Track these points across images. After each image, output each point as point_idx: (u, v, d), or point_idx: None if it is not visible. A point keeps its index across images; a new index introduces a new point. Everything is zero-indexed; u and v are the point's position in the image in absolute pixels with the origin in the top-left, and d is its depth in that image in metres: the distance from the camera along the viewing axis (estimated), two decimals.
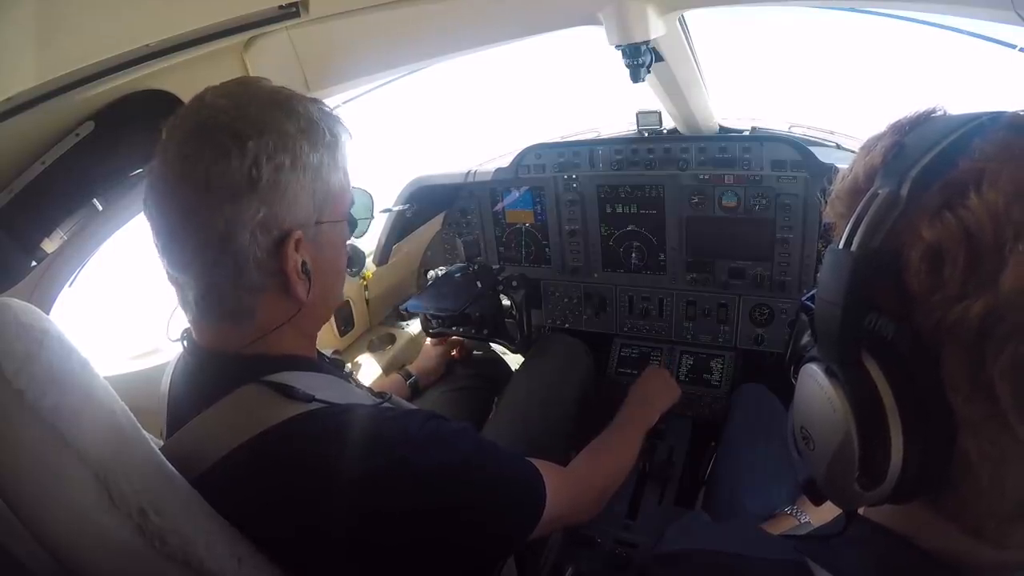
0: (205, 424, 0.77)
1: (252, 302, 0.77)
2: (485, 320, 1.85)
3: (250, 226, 0.71)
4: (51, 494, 0.63)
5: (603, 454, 1.21)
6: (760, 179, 1.74)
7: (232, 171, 0.70)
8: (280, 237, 0.74)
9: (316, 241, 0.79)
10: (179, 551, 0.67)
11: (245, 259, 0.73)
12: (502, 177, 2.03)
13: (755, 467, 1.43)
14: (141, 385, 1.11)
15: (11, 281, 1.18)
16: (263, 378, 0.76)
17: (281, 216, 0.73)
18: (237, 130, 0.71)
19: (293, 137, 0.74)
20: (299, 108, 0.77)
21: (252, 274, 0.74)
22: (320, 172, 0.77)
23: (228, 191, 0.70)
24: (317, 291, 0.80)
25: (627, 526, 1.56)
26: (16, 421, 0.62)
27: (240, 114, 0.72)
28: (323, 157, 0.77)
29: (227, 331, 0.79)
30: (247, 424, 0.73)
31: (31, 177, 1.16)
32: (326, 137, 0.77)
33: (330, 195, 0.79)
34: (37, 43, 0.93)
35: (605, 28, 1.28)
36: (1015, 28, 1.01)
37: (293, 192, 0.74)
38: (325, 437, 0.74)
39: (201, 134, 0.72)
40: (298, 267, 0.76)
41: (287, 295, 0.77)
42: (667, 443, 1.76)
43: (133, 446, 0.70)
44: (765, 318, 1.87)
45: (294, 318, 0.79)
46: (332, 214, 0.80)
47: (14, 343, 0.63)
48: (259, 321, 0.79)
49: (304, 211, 0.76)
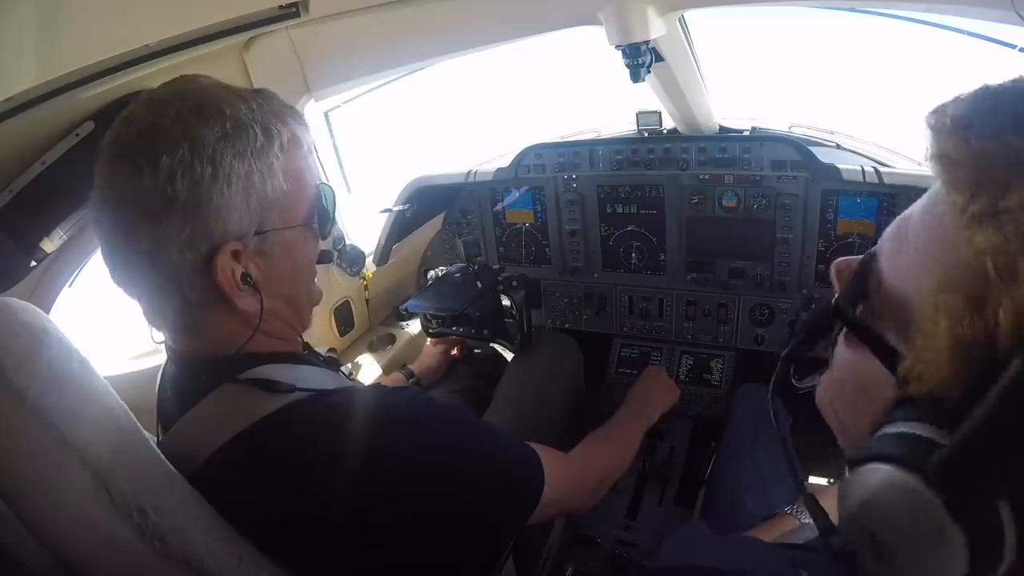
0: (189, 425, 0.77)
1: (200, 318, 0.74)
2: (485, 320, 1.85)
3: (176, 244, 0.68)
4: (51, 493, 0.63)
5: (603, 443, 1.21)
6: (760, 179, 1.74)
7: (146, 191, 0.66)
8: (210, 252, 0.70)
9: (262, 250, 0.75)
10: (179, 550, 0.67)
11: (179, 277, 0.70)
12: (502, 177, 2.03)
13: (755, 467, 1.43)
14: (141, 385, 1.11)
15: (11, 281, 1.18)
16: (239, 376, 0.74)
17: (208, 231, 0.69)
18: (149, 146, 0.67)
19: (212, 146, 0.68)
20: (225, 110, 0.70)
21: (188, 291, 0.71)
22: (251, 180, 0.71)
23: (145, 212, 0.67)
24: (274, 297, 0.77)
25: (627, 526, 1.56)
26: (16, 420, 0.62)
27: (154, 127, 0.68)
28: (252, 164, 0.71)
29: (187, 342, 0.78)
30: (229, 422, 0.72)
31: (31, 177, 1.16)
32: (257, 141, 0.71)
33: (269, 202, 0.73)
34: (37, 43, 0.93)
35: (605, 28, 1.28)
36: (1015, 28, 1.01)
37: (217, 205, 0.69)
38: (314, 423, 0.73)
39: (116, 152, 0.69)
40: (236, 280, 0.72)
41: (235, 309, 0.74)
42: (667, 443, 1.76)
43: (133, 445, 0.70)
44: (765, 318, 1.87)
45: (260, 326, 0.76)
46: (280, 218, 0.75)
47: (14, 342, 0.63)
48: (214, 334, 0.76)
49: (236, 223, 0.71)
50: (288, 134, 0.76)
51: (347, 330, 2.06)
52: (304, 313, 0.88)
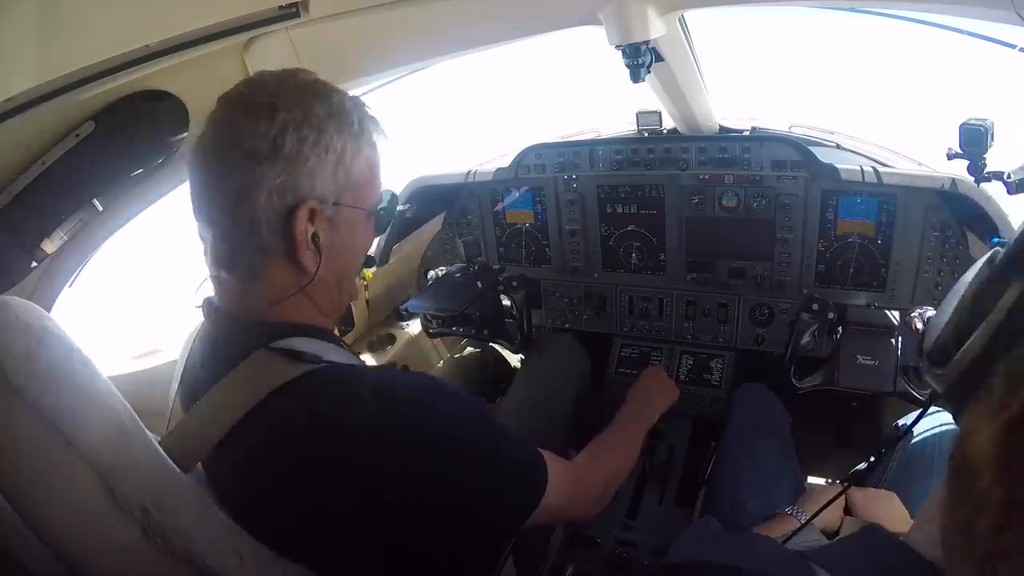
0: (221, 392, 0.79)
1: (262, 262, 0.81)
2: (485, 320, 1.85)
3: (267, 188, 0.77)
4: (53, 492, 0.63)
5: (604, 452, 1.21)
6: (760, 179, 1.74)
7: (260, 135, 0.76)
8: (294, 204, 0.78)
9: (332, 220, 0.83)
10: (181, 548, 0.67)
11: (259, 219, 0.78)
12: (502, 177, 2.03)
13: (755, 467, 1.42)
14: (142, 385, 1.11)
15: (11, 281, 1.18)
16: (273, 344, 0.79)
17: (298, 185, 0.78)
18: (271, 103, 0.77)
19: (320, 118, 0.79)
20: (333, 97, 0.82)
21: (264, 234, 0.78)
22: (343, 156, 0.81)
23: (252, 153, 0.76)
24: (328, 267, 0.84)
25: (627, 526, 1.56)
26: (17, 419, 0.62)
27: (277, 90, 0.80)
28: (347, 143, 0.81)
29: (242, 290, 0.84)
30: (257, 388, 0.76)
31: (31, 177, 1.16)
32: (353, 127, 0.82)
33: (351, 181, 0.83)
34: (37, 43, 0.93)
35: (605, 28, 1.28)
36: (1015, 28, 1.01)
37: (312, 166, 0.78)
38: (329, 390, 0.77)
39: (241, 103, 0.80)
40: (307, 237, 0.80)
41: (296, 264, 0.81)
42: (667, 443, 1.76)
43: (135, 444, 0.70)
44: (765, 318, 1.87)
45: (305, 288, 0.83)
46: (353, 198, 0.85)
47: (15, 341, 0.63)
48: (269, 283, 0.83)
49: (322, 187, 0.80)
50: (376, 134, 0.88)
51: (347, 330, 2.06)
52: (345, 297, 0.94)
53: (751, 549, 0.68)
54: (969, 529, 0.36)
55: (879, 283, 1.70)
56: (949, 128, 1.20)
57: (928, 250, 1.62)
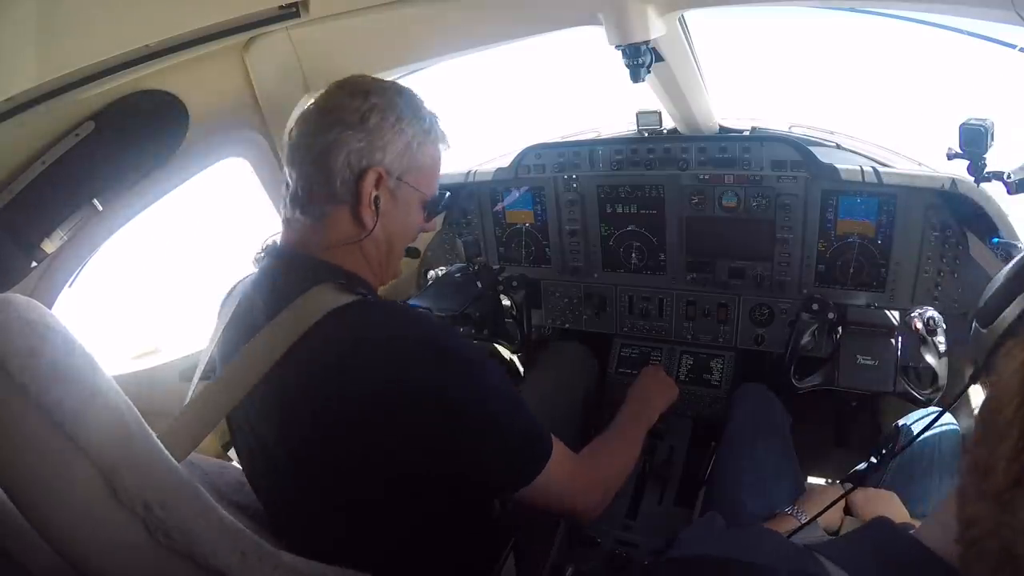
0: (287, 314, 0.88)
1: (330, 209, 0.96)
2: (485, 320, 1.85)
3: (348, 150, 0.93)
4: (56, 489, 0.63)
5: (605, 452, 1.21)
6: (760, 179, 1.74)
7: (353, 109, 0.94)
8: (366, 167, 0.94)
9: (394, 192, 0.99)
10: (183, 546, 0.68)
11: (337, 172, 0.94)
12: (502, 177, 2.03)
13: (755, 467, 1.42)
14: (142, 385, 1.11)
15: (11, 281, 1.18)
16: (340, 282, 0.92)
17: (372, 153, 0.95)
18: (366, 88, 0.97)
19: (400, 107, 0.97)
20: (414, 99, 1.01)
21: (337, 185, 0.94)
22: (412, 142, 0.98)
23: (343, 121, 0.94)
24: (381, 229, 0.98)
25: (627, 526, 1.56)
26: (20, 416, 0.62)
27: (374, 85, 0.99)
28: (418, 133, 0.99)
29: (308, 230, 0.98)
30: (315, 311, 0.87)
31: (31, 177, 1.16)
32: (425, 123, 1.00)
33: (415, 163, 1.00)
34: (37, 43, 0.93)
35: (605, 28, 1.28)
36: (1015, 28, 1.01)
37: (386, 141, 0.95)
38: (384, 313, 0.93)
39: (345, 84, 0.99)
40: (371, 197, 0.95)
41: (356, 218, 0.96)
42: (667, 443, 1.76)
43: (138, 441, 0.70)
44: (765, 318, 1.87)
45: (361, 242, 0.98)
46: (413, 180, 1.00)
47: (17, 339, 0.63)
48: (333, 228, 0.97)
49: (391, 160, 0.96)
50: (441, 140, 1.05)
51: None
52: (390, 265, 1.08)
53: (757, 543, 0.68)
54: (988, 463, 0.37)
55: (879, 283, 1.70)
56: (949, 128, 1.20)
57: (928, 250, 1.62)
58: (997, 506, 0.38)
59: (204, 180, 1.52)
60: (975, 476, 0.40)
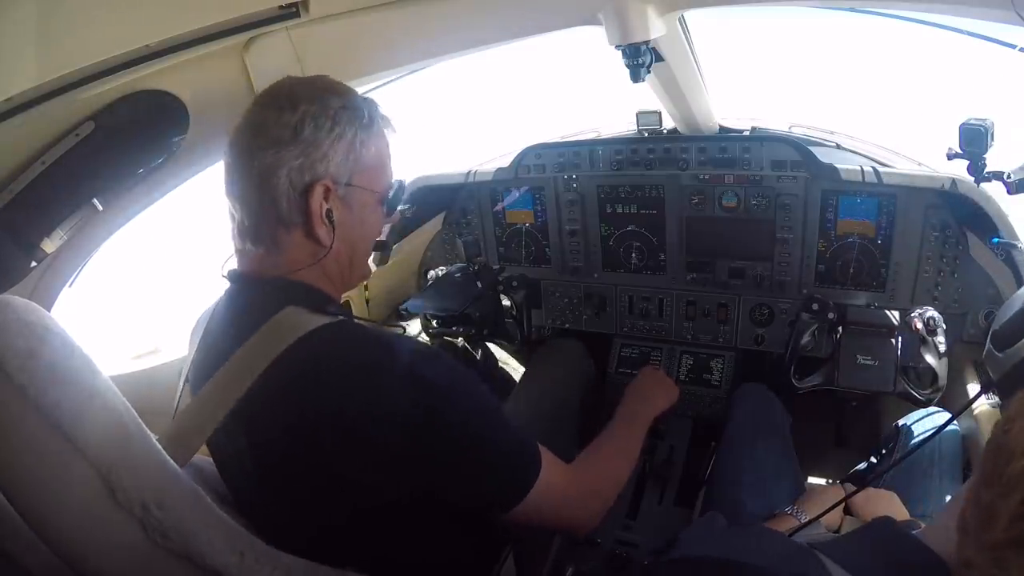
0: (254, 342, 0.84)
1: (284, 235, 0.91)
2: (485, 320, 1.85)
3: (288, 168, 0.88)
4: (53, 490, 0.63)
5: (600, 458, 1.18)
6: (760, 179, 1.74)
7: (283, 124, 0.88)
8: (310, 182, 0.89)
9: (345, 200, 0.93)
10: (181, 546, 0.68)
11: (280, 195, 0.88)
12: (502, 177, 2.03)
13: (755, 467, 1.42)
14: (142, 385, 1.11)
15: (11, 281, 1.18)
16: (305, 303, 0.88)
17: (313, 166, 0.89)
18: (294, 97, 0.90)
19: (335, 109, 0.90)
20: (349, 94, 0.94)
21: (284, 209, 0.89)
22: (354, 143, 0.92)
23: (276, 139, 0.88)
24: (341, 243, 0.94)
25: (627, 526, 1.56)
26: (18, 417, 0.62)
27: (301, 89, 0.92)
28: (358, 132, 0.92)
29: (263, 257, 0.93)
30: (286, 336, 0.83)
31: (31, 177, 1.16)
32: (364, 119, 0.93)
33: (362, 164, 0.93)
34: (37, 43, 0.93)
35: (605, 28, 1.28)
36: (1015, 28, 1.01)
37: (326, 150, 0.89)
38: (355, 336, 0.88)
39: (270, 98, 0.92)
40: (322, 212, 0.90)
41: (311, 237, 0.91)
42: (667, 443, 1.76)
43: (135, 442, 0.70)
44: (765, 318, 1.87)
45: (321, 260, 0.93)
46: (364, 181, 0.95)
47: (16, 340, 0.63)
48: (289, 254, 0.92)
49: (335, 169, 0.90)
50: (385, 128, 0.98)
51: None
52: (356, 274, 1.03)
53: (758, 544, 0.68)
54: (991, 513, 0.37)
55: (879, 283, 1.70)
56: (949, 128, 1.20)
57: (928, 250, 1.62)
58: (992, 561, 0.38)
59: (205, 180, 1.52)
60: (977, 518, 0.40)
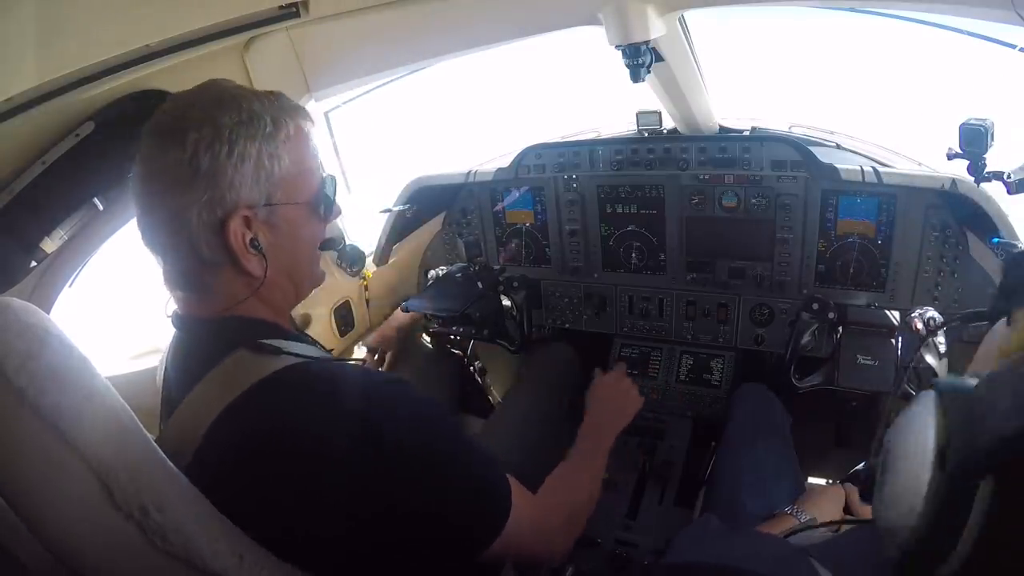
0: (202, 391, 0.81)
1: (211, 278, 0.85)
2: (486, 320, 1.85)
3: (196, 208, 0.80)
4: (52, 492, 0.63)
5: (564, 488, 1.13)
6: (760, 179, 1.74)
7: (175, 163, 0.79)
8: (224, 217, 0.81)
9: (270, 222, 0.86)
10: (181, 549, 0.67)
11: (197, 238, 0.81)
12: (502, 177, 2.03)
13: (755, 467, 1.42)
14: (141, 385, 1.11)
15: (11, 281, 1.18)
16: (255, 342, 0.83)
17: (223, 198, 0.81)
18: (182, 127, 0.80)
19: (230, 129, 0.81)
20: (242, 104, 0.83)
21: (205, 251, 0.82)
22: (260, 161, 0.83)
23: (174, 180, 0.80)
24: (276, 267, 0.87)
25: (627, 526, 1.56)
26: (17, 419, 0.62)
27: (187, 112, 0.82)
28: (262, 146, 0.83)
29: (198, 302, 0.88)
30: (238, 383, 0.78)
31: (31, 177, 1.16)
32: (266, 128, 0.83)
33: (277, 178, 0.85)
34: (37, 43, 0.93)
35: (605, 28, 1.28)
36: (1015, 28, 1.01)
37: (231, 178, 0.81)
38: (308, 384, 0.81)
39: (152, 135, 0.82)
40: (245, 244, 0.83)
41: (243, 272, 0.85)
42: (667, 443, 1.76)
43: (134, 444, 0.70)
44: (765, 318, 1.87)
45: (258, 291, 0.87)
46: (285, 195, 0.87)
47: (15, 342, 0.63)
48: (222, 294, 0.86)
49: (247, 194, 0.82)
50: (294, 127, 0.87)
51: (347, 330, 2.06)
52: (302, 291, 0.97)
53: (750, 549, 0.68)
54: None
55: (879, 283, 1.70)
56: (949, 128, 1.20)
57: (928, 250, 1.62)
58: None
59: None
60: None
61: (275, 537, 0.77)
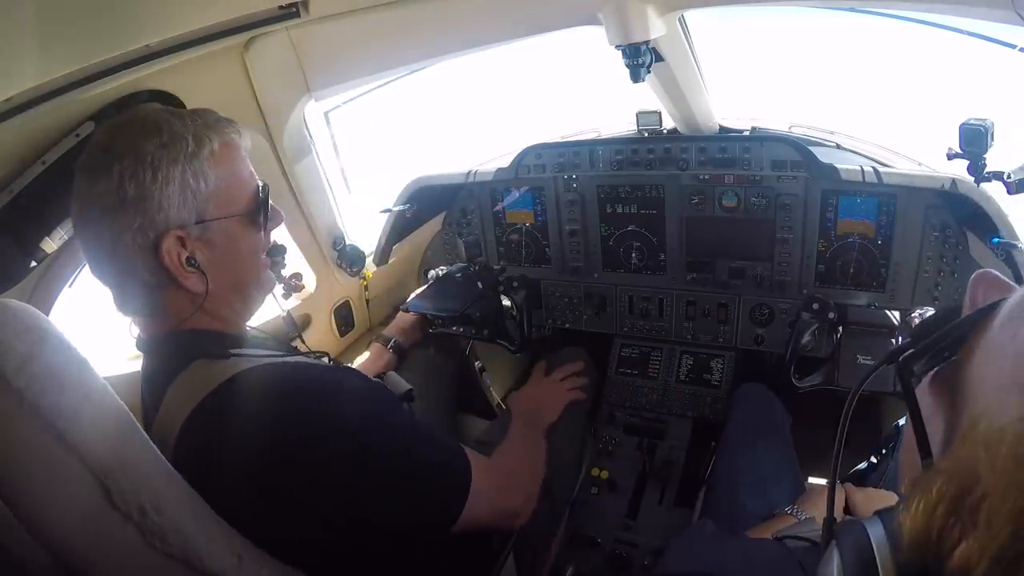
0: (169, 400, 0.85)
1: (156, 299, 0.89)
2: (486, 320, 1.85)
3: (130, 234, 0.84)
4: (51, 493, 0.63)
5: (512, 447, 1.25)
6: (760, 179, 1.74)
7: (103, 194, 0.83)
8: (156, 239, 0.85)
9: (204, 238, 0.89)
10: (179, 549, 0.67)
11: (135, 262, 0.85)
12: (502, 177, 2.03)
13: (755, 467, 1.43)
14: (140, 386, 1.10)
15: (11, 281, 1.18)
16: (211, 350, 0.87)
17: (153, 221, 0.84)
18: (107, 158, 0.84)
19: (152, 154, 0.84)
20: (163, 128, 0.87)
21: (145, 274, 0.86)
22: (185, 180, 0.86)
23: (103, 210, 0.84)
24: (218, 281, 0.90)
25: (627, 526, 1.56)
26: (15, 420, 0.62)
27: (112, 142, 0.86)
28: (186, 166, 0.86)
29: (150, 322, 0.92)
30: (198, 389, 0.82)
31: (31, 177, 1.15)
32: (188, 148, 0.87)
33: (205, 195, 0.88)
34: (37, 43, 0.92)
35: (605, 28, 1.28)
36: (1015, 28, 1.01)
37: (158, 200, 0.84)
38: (262, 387, 0.84)
39: (82, 170, 0.87)
40: (180, 263, 0.86)
41: (184, 290, 0.88)
42: (667, 443, 1.76)
43: (133, 445, 0.70)
44: (765, 318, 1.87)
45: (203, 306, 0.90)
46: (217, 210, 0.90)
47: (14, 343, 0.63)
48: (169, 312, 0.90)
49: (176, 215, 0.86)
50: (219, 142, 0.91)
51: (347, 330, 2.06)
52: (251, 300, 1.00)
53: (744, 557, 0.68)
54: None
55: (879, 283, 1.70)
56: (949, 128, 1.20)
57: (928, 250, 1.62)
58: None
59: None
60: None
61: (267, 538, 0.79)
